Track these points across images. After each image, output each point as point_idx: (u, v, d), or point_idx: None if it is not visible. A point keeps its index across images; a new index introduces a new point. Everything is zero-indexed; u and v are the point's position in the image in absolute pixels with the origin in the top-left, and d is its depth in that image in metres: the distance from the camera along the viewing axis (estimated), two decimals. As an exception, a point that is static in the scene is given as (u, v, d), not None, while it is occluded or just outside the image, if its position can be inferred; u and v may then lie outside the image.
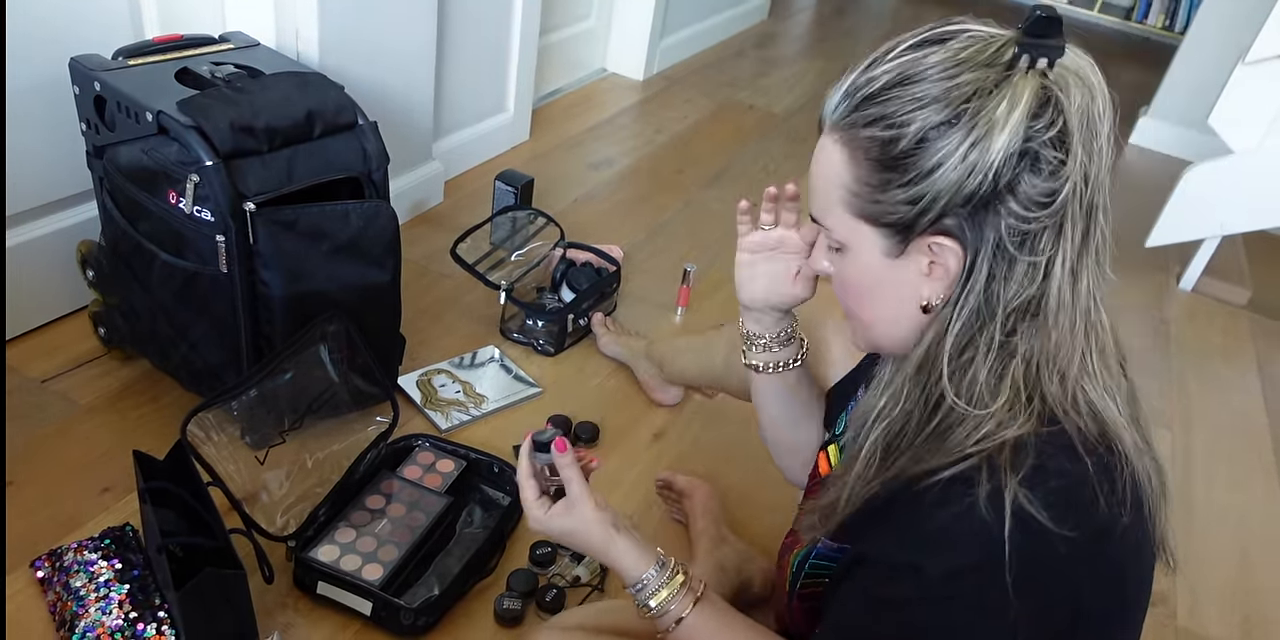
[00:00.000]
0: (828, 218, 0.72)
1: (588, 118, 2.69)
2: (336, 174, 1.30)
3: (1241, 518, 1.67)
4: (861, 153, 0.67)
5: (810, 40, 3.77)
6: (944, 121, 0.63)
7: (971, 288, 0.67)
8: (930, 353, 0.70)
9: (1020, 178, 0.63)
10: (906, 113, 0.64)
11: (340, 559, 1.21)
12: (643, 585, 0.82)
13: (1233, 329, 2.27)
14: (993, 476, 0.63)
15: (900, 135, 0.64)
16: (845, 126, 0.68)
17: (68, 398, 1.43)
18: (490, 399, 1.58)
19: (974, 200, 0.64)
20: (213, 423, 1.23)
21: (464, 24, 2.02)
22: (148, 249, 1.27)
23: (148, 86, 1.25)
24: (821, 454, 0.96)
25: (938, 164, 0.63)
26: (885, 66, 0.66)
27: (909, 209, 0.66)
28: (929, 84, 0.64)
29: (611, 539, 0.83)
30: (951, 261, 0.67)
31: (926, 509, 0.65)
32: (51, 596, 1.13)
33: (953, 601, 0.64)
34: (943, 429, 0.68)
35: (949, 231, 0.66)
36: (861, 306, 0.75)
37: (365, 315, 1.35)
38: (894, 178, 0.66)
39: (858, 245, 0.71)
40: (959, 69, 0.64)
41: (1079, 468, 0.64)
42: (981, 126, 0.62)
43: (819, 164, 0.72)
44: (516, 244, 1.84)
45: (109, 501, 1.28)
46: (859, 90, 0.67)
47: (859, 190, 0.68)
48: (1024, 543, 0.61)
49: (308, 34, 1.61)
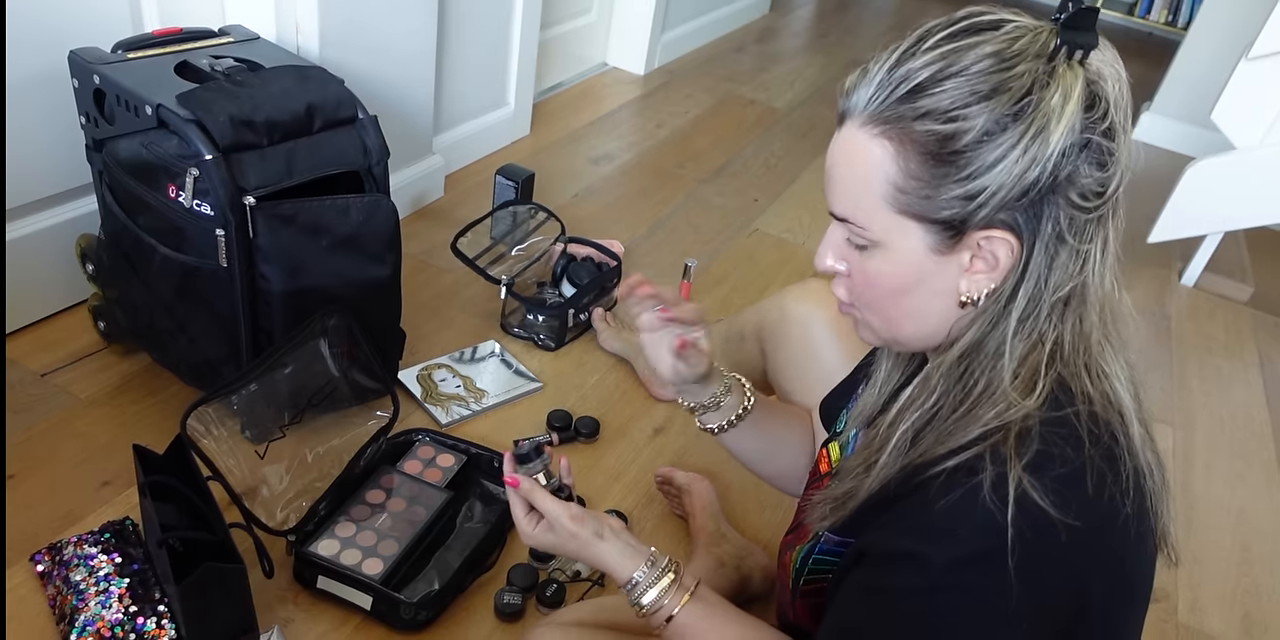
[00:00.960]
0: (862, 216, 0.68)
1: (588, 112, 2.68)
2: (336, 168, 1.29)
3: (1242, 513, 1.67)
4: (914, 147, 0.64)
5: (811, 35, 3.76)
6: (1009, 114, 0.62)
7: (1026, 280, 0.66)
8: (974, 345, 0.69)
9: (1079, 169, 0.63)
10: (968, 106, 0.62)
11: (340, 553, 1.21)
12: (634, 584, 0.84)
13: (1234, 325, 2.27)
14: (996, 463, 0.63)
15: (964, 129, 0.62)
16: (890, 120, 0.65)
17: (67, 392, 1.43)
18: (491, 394, 1.58)
19: (1031, 193, 0.63)
20: (212, 417, 1.23)
21: (465, 18, 2.01)
22: (147, 243, 1.27)
23: (147, 80, 1.25)
24: (822, 452, 0.96)
25: (999, 158, 0.62)
26: (926, 57, 0.64)
27: (965, 204, 0.64)
28: (987, 76, 0.62)
29: (596, 546, 0.86)
30: (1003, 254, 0.66)
31: (930, 497, 0.65)
32: (51, 590, 1.13)
33: (956, 591, 0.64)
34: (972, 408, 0.68)
35: (1003, 224, 0.65)
36: (891, 303, 0.72)
37: (365, 310, 1.35)
38: (951, 172, 0.64)
39: (898, 243, 0.68)
40: (1015, 60, 0.62)
41: (1082, 456, 0.64)
42: (1040, 119, 0.62)
43: (850, 160, 0.68)
44: (517, 239, 1.84)
45: (109, 495, 1.28)
46: (899, 83, 0.64)
47: (908, 186, 0.65)
48: (1027, 529, 0.61)
49: (308, 27, 1.60)
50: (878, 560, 0.69)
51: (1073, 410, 0.65)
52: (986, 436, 0.65)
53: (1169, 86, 3.11)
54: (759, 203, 2.37)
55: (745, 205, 2.33)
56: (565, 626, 0.97)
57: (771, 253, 2.15)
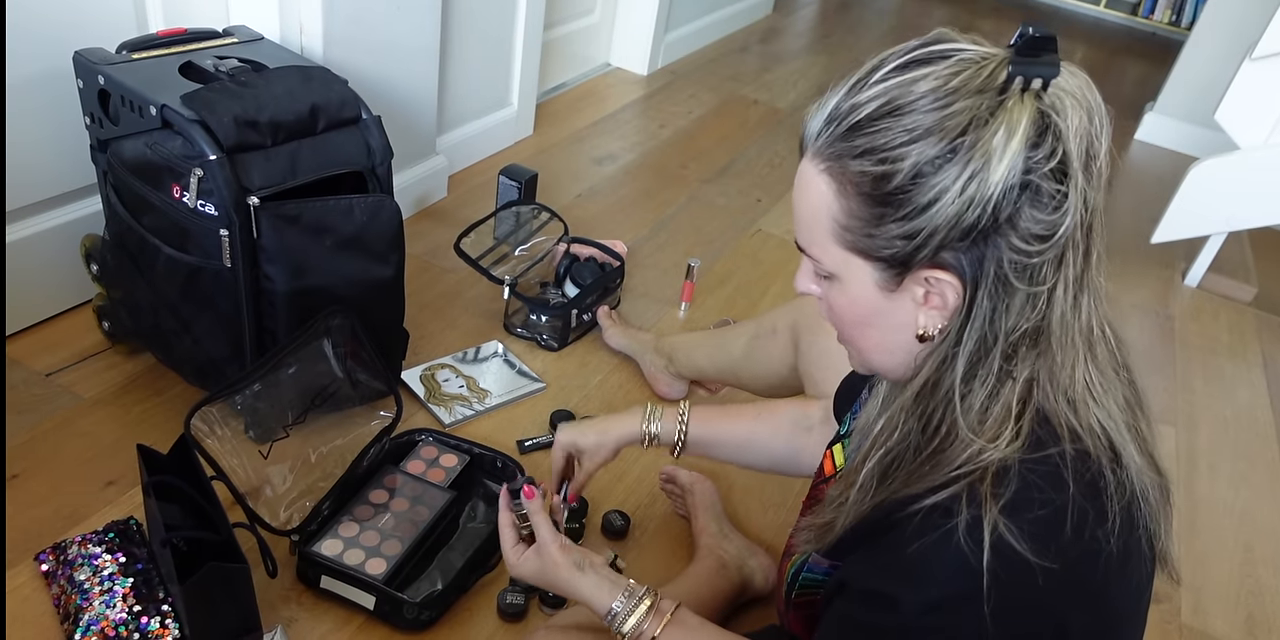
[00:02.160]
0: (814, 248, 0.69)
1: (592, 112, 2.68)
2: (340, 168, 1.30)
3: (1245, 514, 1.67)
4: (852, 187, 0.63)
5: (815, 35, 3.76)
6: (939, 155, 0.59)
7: (972, 321, 0.65)
8: (929, 383, 0.67)
9: (1020, 211, 0.60)
10: (899, 146, 0.60)
11: (343, 553, 1.21)
12: (613, 615, 0.86)
13: (1238, 325, 2.27)
14: (972, 505, 0.61)
15: (894, 171, 0.61)
16: (831, 156, 0.64)
17: (72, 391, 1.43)
18: (494, 394, 1.58)
19: (972, 234, 0.61)
20: (216, 417, 1.23)
21: (468, 18, 2.02)
22: (151, 243, 1.27)
23: (152, 80, 1.25)
24: (827, 454, 0.96)
25: (934, 199, 0.60)
26: (871, 92, 0.62)
27: (905, 244, 0.63)
28: (920, 114, 0.60)
29: (577, 577, 0.89)
30: (949, 294, 0.65)
31: (906, 537, 0.64)
32: (56, 590, 1.14)
33: (929, 634, 0.64)
34: (939, 450, 0.66)
35: (946, 265, 0.63)
36: (856, 334, 0.73)
37: (369, 310, 1.35)
38: (888, 213, 0.62)
39: (849, 277, 0.68)
40: (952, 97, 0.60)
41: (1063, 496, 0.62)
42: (979, 158, 0.59)
43: (804, 193, 0.67)
44: (520, 239, 1.84)
45: (113, 495, 1.28)
46: (843, 118, 0.63)
47: (850, 224, 0.65)
48: (1003, 574, 0.60)
49: (312, 28, 1.61)
50: (854, 595, 0.69)
51: (1056, 450, 0.63)
52: (963, 476, 0.63)
53: (1172, 86, 3.10)
54: (762, 203, 2.36)
55: (748, 205, 2.33)
56: (566, 630, 0.97)
57: (775, 253, 2.15)
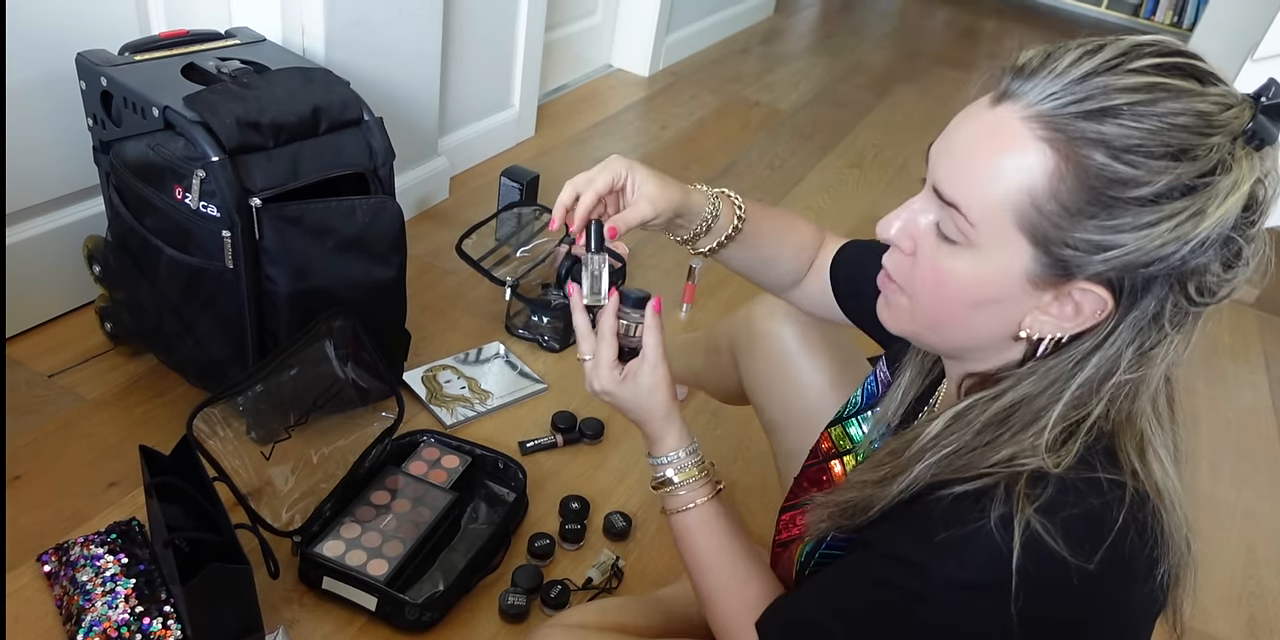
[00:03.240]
0: (977, 211, 0.61)
1: (593, 114, 2.68)
2: (342, 170, 1.30)
3: (1248, 515, 1.66)
4: (1078, 173, 0.57)
5: (816, 37, 3.76)
6: (1189, 184, 0.56)
7: (1105, 348, 0.62)
8: (1030, 398, 0.65)
9: (1210, 264, 0.58)
10: (1160, 159, 0.56)
11: (345, 554, 1.21)
12: (674, 457, 0.87)
13: (1240, 327, 2.26)
14: (1007, 501, 0.60)
15: (1144, 181, 0.56)
16: (1063, 129, 0.58)
17: (74, 393, 1.43)
18: (495, 395, 1.58)
19: (1154, 267, 0.58)
20: (219, 418, 1.23)
21: (469, 20, 2.02)
22: (154, 244, 1.27)
23: (154, 82, 1.25)
24: (824, 435, 0.96)
25: (1151, 223, 0.57)
26: (1131, 81, 0.57)
27: (1091, 252, 0.59)
28: (1188, 134, 0.56)
29: (671, 405, 0.87)
30: (1087, 309, 0.61)
31: (939, 515, 0.64)
32: (58, 590, 1.14)
33: (953, 608, 0.63)
34: (988, 446, 0.65)
35: (1112, 286, 0.60)
36: (949, 311, 0.67)
37: (370, 311, 1.35)
38: (1099, 215, 0.57)
39: (994, 254, 0.62)
40: (1216, 130, 0.56)
41: (1095, 501, 0.61)
42: (1205, 201, 0.56)
43: (998, 149, 0.60)
44: (522, 240, 1.84)
45: (115, 496, 1.28)
46: (1095, 95, 0.57)
47: (1047, 208, 0.59)
48: (1034, 571, 0.59)
49: (314, 30, 1.61)
50: (880, 556, 0.69)
51: (1108, 477, 0.62)
52: (999, 472, 0.62)
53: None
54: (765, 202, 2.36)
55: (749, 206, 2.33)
56: (570, 628, 0.97)
57: (776, 254, 2.15)
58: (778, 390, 1.15)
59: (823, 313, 1.04)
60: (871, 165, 2.65)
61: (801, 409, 1.12)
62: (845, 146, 2.76)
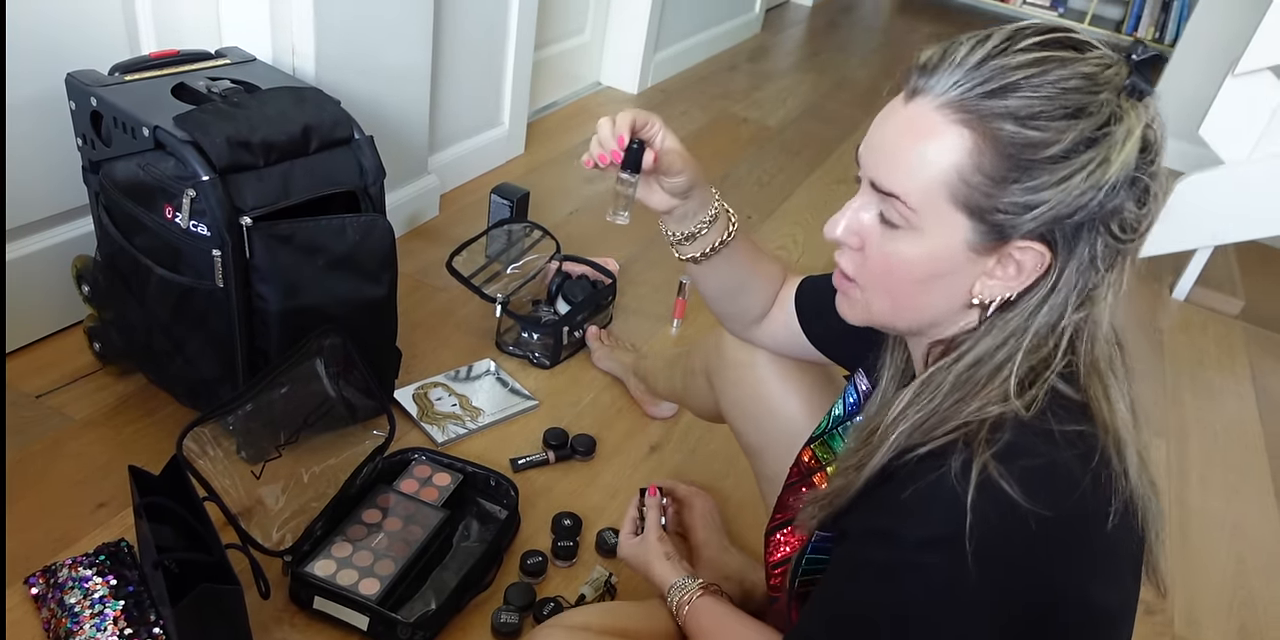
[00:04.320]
0: (915, 196, 0.67)
1: (583, 131, 2.70)
2: (333, 188, 1.30)
3: (1237, 526, 1.67)
4: (994, 145, 0.64)
5: (803, 54, 3.80)
6: (1090, 137, 0.63)
7: (1053, 298, 0.68)
8: (990, 354, 0.69)
9: (1125, 204, 0.65)
10: (1062, 119, 0.63)
11: (337, 573, 1.20)
12: (672, 587, 1.03)
13: (1226, 338, 2.28)
14: (966, 449, 0.65)
15: (1050, 141, 0.63)
16: (972, 110, 0.64)
17: (62, 413, 1.42)
18: (486, 412, 1.58)
19: (1078, 216, 0.65)
20: (208, 437, 1.23)
21: (459, 39, 2.03)
22: (144, 264, 1.27)
23: (144, 102, 1.25)
24: (807, 450, 0.96)
25: (1068, 176, 0.63)
26: (1020, 58, 0.63)
27: (1021, 213, 0.65)
28: (1080, 95, 0.63)
29: (662, 561, 1.08)
30: (1029, 265, 0.67)
31: (901, 483, 0.67)
32: (46, 613, 1.13)
33: (920, 571, 0.65)
34: (954, 407, 0.69)
35: (1045, 240, 0.66)
36: (903, 291, 0.72)
37: (361, 329, 1.35)
38: (1021, 179, 0.64)
39: (936, 231, 0.67)
40: (1102, 88, 0.64)
41: (1056, 452, 0.65)
42: (1107, 149, 0.63)
43: (920, 139, 0.66)
44: (512, 257, 1.84)
45: (104, 517, 1.28)
46: (993, 76, 0.63)
47: (975, 181, 0.65)
48: (990, 514, 0.62)
49: (304, 49, 1.62)
50: (854, 537, 0.72)
51: (1065, 429, 0.66)
52: (962, 426, 0.67)
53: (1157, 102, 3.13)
54: (753, 220, 2.38)
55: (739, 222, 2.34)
56: (572, 629, 0.97)
57: (765, 269, 2.16)
58: (752, 415, 1.16)
59: (785, 347, 1.09)
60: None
61: (778, 433, 1.13)
62: (833, 162, 2.78)
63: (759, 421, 1.15)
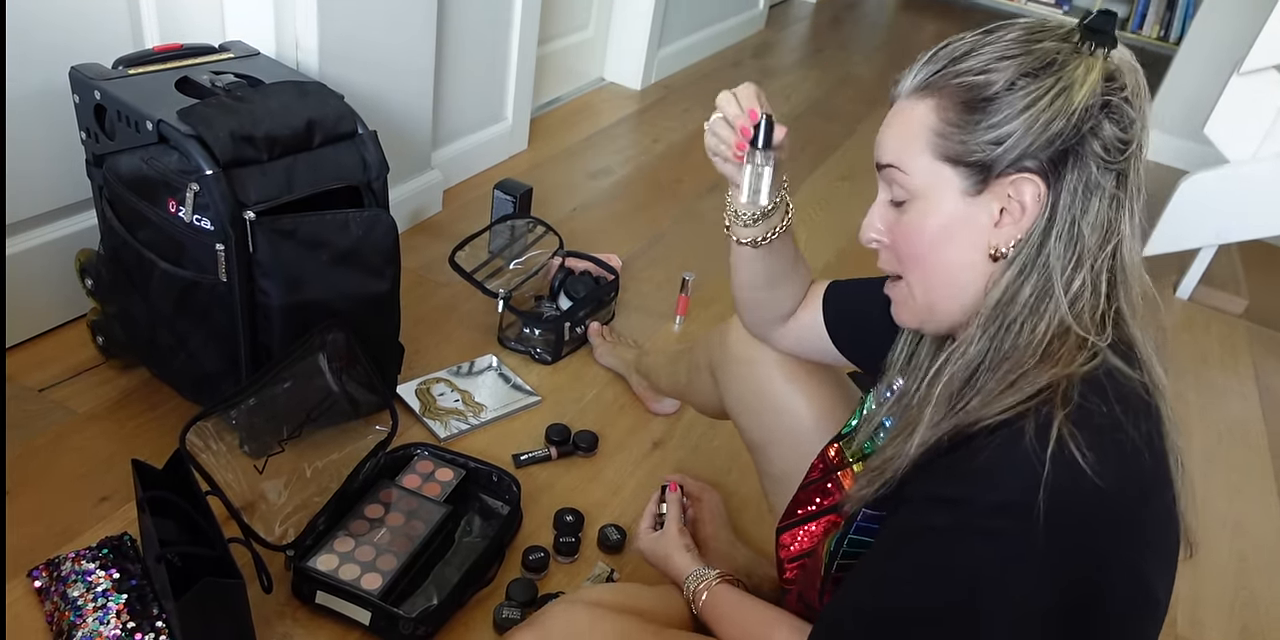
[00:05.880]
0: (907, 159, 0.75)
1: (586, 127, 2.69)
2: (336, 183, 1.30)
3: (1240, 525, 1.67)
4: (950, 98, 0.72)
5: (807, 50, 3.79)
6: (1034, 71, 0.69)
7: (1058, 222, 0.71)
8: (1007, 293, 0.72)
9: (1102, 124, 0.69)
10: (996, 61, 0.70)
11: (339, 568, 1.20)
12: (689, 576, 1.04)
13: (1229, 338, 2.28)
14: (1038, 415, 0.66)
15: (992, 80, 0.70)
16: (929, 85, 0.74)
17: (66, 406, 1.42)
18: (489, 408, 1.58)
19: (1056, 143, 0.69)
20: (211, 432, 1.23)
21: (463, 34, 2.03)
22: (147, 258, 1.27)
23: (148, 95, 1.25)
24: (835, 447, 0.96)
25: (1027, 106, 0.69)
26: (960, 42, 0.73)
27: (994, 148, 0.70)
28: (1017, 44, 0.71)
29: (681, 553, 1.09)
30: (1029, 199, 0.71)
31: (972, 449, 0.68)
32: (49, 606, 1.13)
33: (984, 536, 0.66)
34: (1015, 369, 0.70)
35: (1032, 170, 0.70)
36: (929, 255, 0.76)
37: (364, 324, 1.35)
38: (982, 119, 0.70)
39: (935, 188, 0.74)
40: (1042, 35, 0.71)
41: (1122, 417, 0.67)
42: (1065, 80, 0.69)
43: (899, 122, 0.76)
44: (515, 253, 1.84)
45: (107, 511, 1.28)
46: (938, 60, 0.73)
47: (945, 131, 0.72)
48: (1064, 482, 0.63)
49: (307, 43, 1.61)
50: (914, 506, 0.72)
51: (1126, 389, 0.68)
52: (1036, 395, 0.67)
53: (1161, 101, 3.13)
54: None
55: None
56: (588, 604, 0.97)
57: (768, 266, 2.15)
58: (756, 411, 1.16)
59: (804, 348, 1.10)
60: (862, 177, 2.66)
61: (782, 430, 1.13)
62: (836, 159, 2.77)
63: (763, 418, 1.15)
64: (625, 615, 0.95)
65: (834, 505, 0.94)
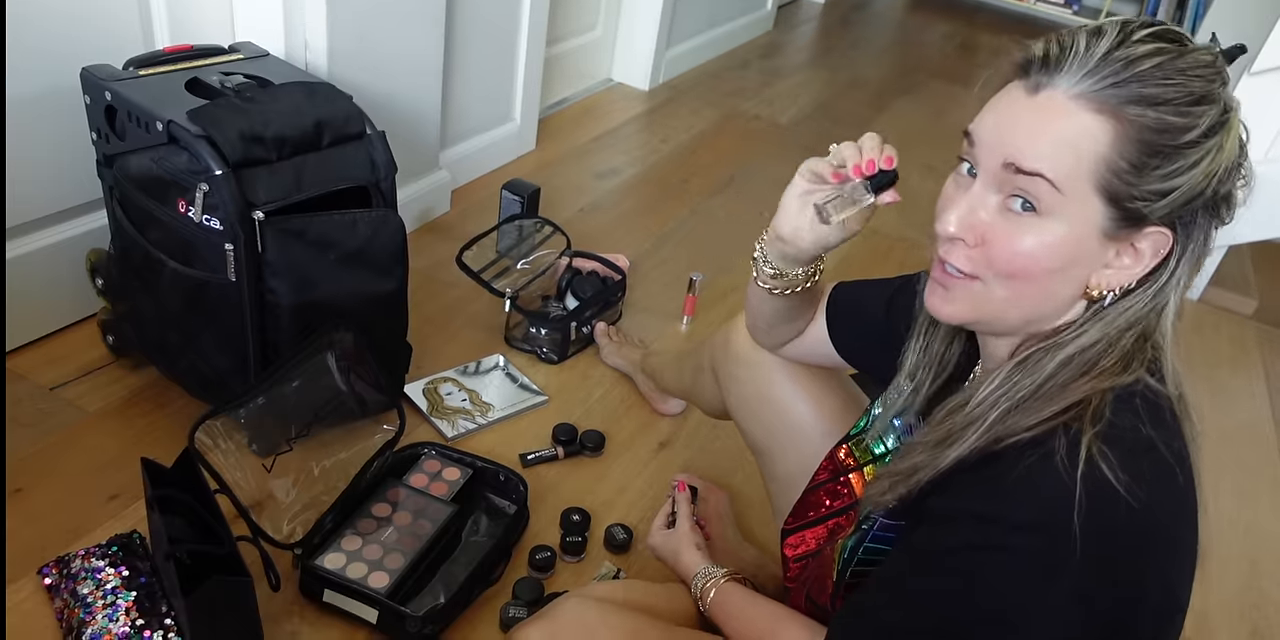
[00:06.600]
0: (1061, 176, 0.66)
1: (594, 127, 2.70)
2: (345, 183, 1.30)
3: (1250, 528, 1.66)
4: (1135, 132, 0.65)
5: (815, 51, 3.78)
6: (1218, 123, 0.65)
7: (1162, 281, 0.70)
8: (1091, 344, 0.70)
9: (1233, 188, 0.68)
10: (1194, 104, 0.64)
11: (346, 567, 1.21)
12: (697, 574, 1.05)
13: (1239, 339, 2.27)
14: (1070, 433, 0.65)
15: (1191, 126, 0.64)
16: (1107, 99, 0.65)
17: (76, 405, 1.43)
18: (496, 407, 1.58)
19: (1196, 201, 0.67)
20: (220, 430, 1.23)
21: (471, 34, 2.03)
22: (157, 257, 1.28)
23: (158, 96, 1.26)
24: (845, 448, 0.96)
25: (1198, 161, 0.65)
26: (1146, 48, 0.65)
27: (1156, 200, 0.66)
28: (1204, 82, 0.65)
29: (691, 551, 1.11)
30: (1149, 253, 0.68)
31: (1004, 466, 0.67)
32: (59, 603, 1.14)
33: (1011, 553, 0.65)
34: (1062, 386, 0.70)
35: (1169, 226, 0.68)
36: (1030, 279, 0.70)
37: (372, 323, 1.36)
38: (1160, 166, 0.65)
39: (1073, 216, 0.67)
40: (1219, 75, 0.66)
41: (1155, 435, 0.66)
42: (1226, 133, 0.66)
43: (1056, 131, 0.66)
44: (522, 252, 1.84)
45: (117, 509, 1.28)
46: (1123, 67, 0.64)
47: (1118, 168, 0.65)
48: (1095, 500, 0.62)
49: (317, 44, 1.62)
50: (940, 521, 0.71)
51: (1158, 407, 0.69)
52: (1066, 410, 0.67)
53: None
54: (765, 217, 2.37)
55: (751, 219, 2.34)
56: (601, 601, 0.98)
57: (776, 267, 2.15)
58: (759, 414, 1.16)
59: (811, 355, 1.09)
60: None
61: (785, 432, 1.13)
62: (844, 160, 2.77)
63: (765, 420, 1.15)
64: (634, 612, 0.95)
65: (846, 506, 0.94)
